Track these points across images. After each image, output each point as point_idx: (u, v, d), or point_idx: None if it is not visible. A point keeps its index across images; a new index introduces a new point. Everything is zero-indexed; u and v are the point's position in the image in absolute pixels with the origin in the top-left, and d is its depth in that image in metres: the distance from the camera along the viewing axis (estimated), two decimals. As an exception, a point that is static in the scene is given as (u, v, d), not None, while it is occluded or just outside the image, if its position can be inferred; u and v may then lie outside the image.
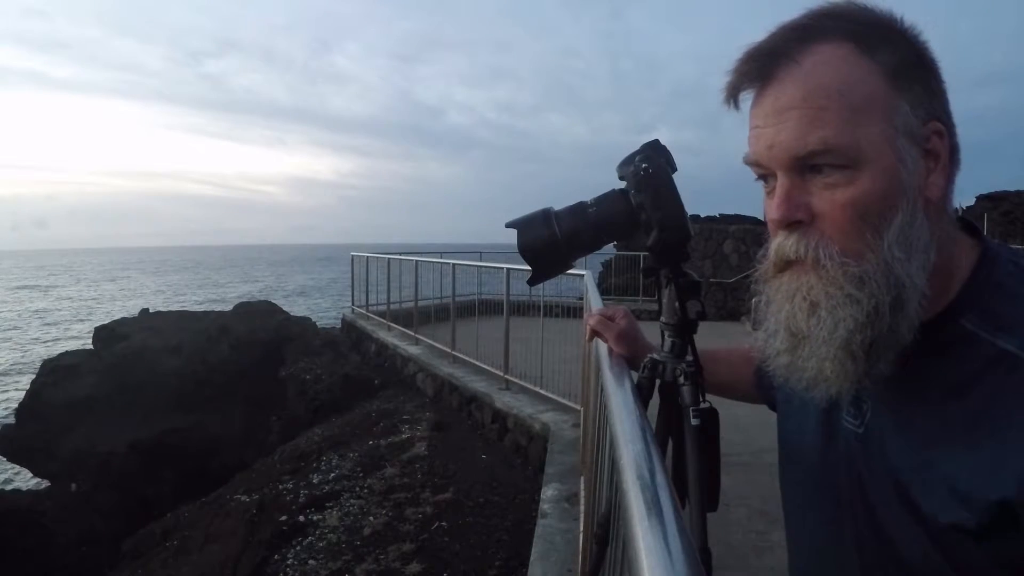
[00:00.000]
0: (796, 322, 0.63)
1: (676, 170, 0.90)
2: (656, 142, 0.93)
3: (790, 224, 0.63)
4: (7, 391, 21.56)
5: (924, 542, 0.60)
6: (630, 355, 1.05)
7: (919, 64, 0.62)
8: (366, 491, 5.10)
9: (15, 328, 38.28)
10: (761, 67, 0.63)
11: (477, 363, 7.04)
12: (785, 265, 0.65)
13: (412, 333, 9.03)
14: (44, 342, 32.06)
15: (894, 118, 0.60)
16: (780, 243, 0.64)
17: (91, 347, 12.83)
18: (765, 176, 0.66)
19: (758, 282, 0.70)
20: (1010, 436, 0.54)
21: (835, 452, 0.71)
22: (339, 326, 12.67)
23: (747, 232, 13.23)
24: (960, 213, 0.69)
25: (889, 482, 0.63)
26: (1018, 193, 17.10)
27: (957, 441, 0.58)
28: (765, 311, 0.70)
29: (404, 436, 6.12)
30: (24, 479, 12.78)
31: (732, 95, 0.66)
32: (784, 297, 0.65)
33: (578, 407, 4.89)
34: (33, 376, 12.16)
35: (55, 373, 11.56)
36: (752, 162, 0.66)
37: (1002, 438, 0.55)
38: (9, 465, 12.73)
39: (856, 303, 0.60)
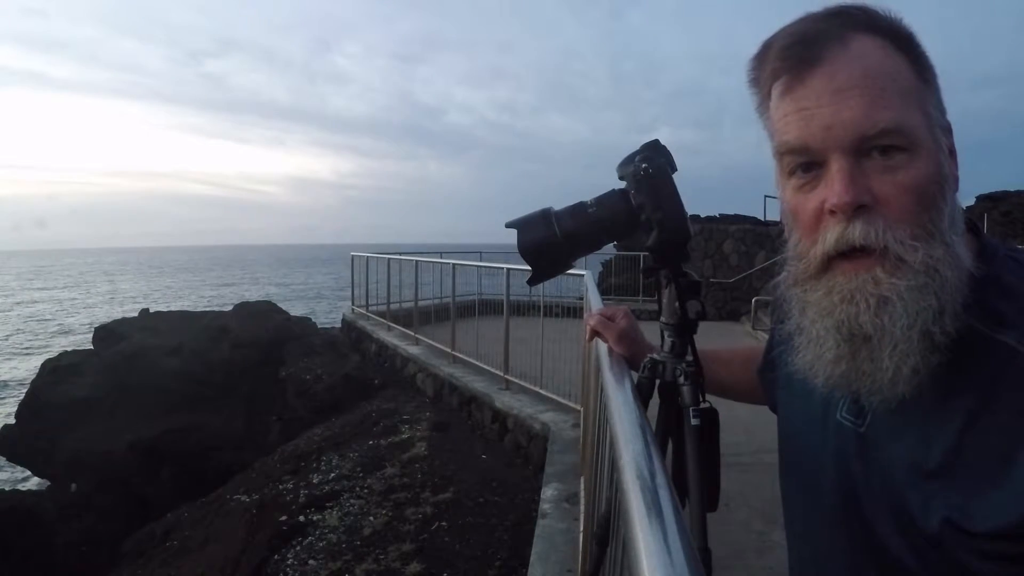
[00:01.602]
0: (858, 322, 0.59)
1: (676, 170, 0.90)
2: (656, 142, 0.93)
3: (855, 210, 0.58)
4: (7, 391, 21.56)
5: (916, 543, 0.60)
6: (630, 355, 1.05)
7: (931, 67, 0.63)
8: (366, 491, 5.10)
9: (14, 328, 38.26)
10: (808, 49, 0.60)
11: (477, 363, 7.04)
12: (838, 259, 0.60)
13: (412, 333, 9.03)
14: (42, 345, 32.04)
15: (929, 110, 0.61)
16: (843, 231, 0.59)
17: (91, 347, 12.84)
18: (807, 164, 0.62)
19: (787, 286, 0.66)
20: (1010, 435, 0.54)
21: (832, 451, 0.71)
22: (339, 326, 12.67)
23: (747, 232, 13.23)
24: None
25: (885, 482, 0.63)
26: (1018, 193, 17.13)
27: (954, 442, 0.57)
28: (799, 319, 0.65)
29: (404, 436, 6.11)
30: (24, 479, 12.78)
31: (773, 80, 0.63)
32: (839, 298, 0.60)
33: (578, 407, 4.88)
34: (32, 377, 12.17)
35: (55, 373, 11.57)
36: (797, 148, 0.61)
37: (1001, 442, 0.54)
38: (9, 465, 12.73)
39: (931, 292, 0.57)
